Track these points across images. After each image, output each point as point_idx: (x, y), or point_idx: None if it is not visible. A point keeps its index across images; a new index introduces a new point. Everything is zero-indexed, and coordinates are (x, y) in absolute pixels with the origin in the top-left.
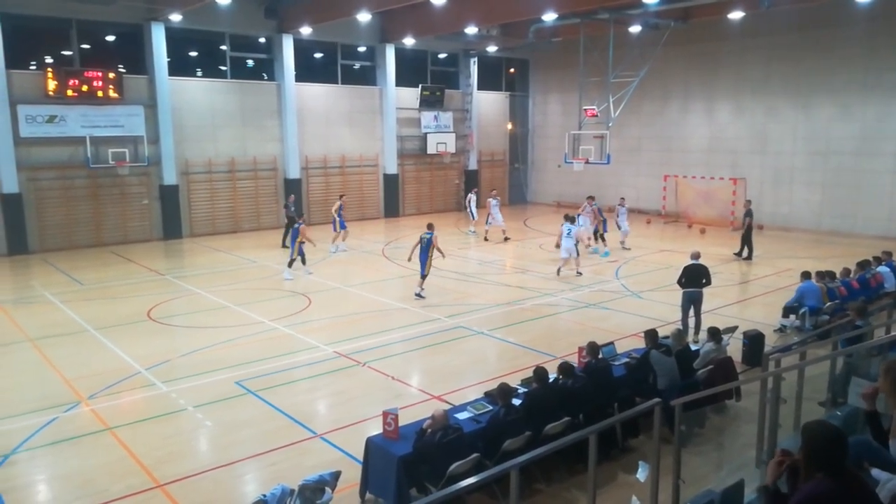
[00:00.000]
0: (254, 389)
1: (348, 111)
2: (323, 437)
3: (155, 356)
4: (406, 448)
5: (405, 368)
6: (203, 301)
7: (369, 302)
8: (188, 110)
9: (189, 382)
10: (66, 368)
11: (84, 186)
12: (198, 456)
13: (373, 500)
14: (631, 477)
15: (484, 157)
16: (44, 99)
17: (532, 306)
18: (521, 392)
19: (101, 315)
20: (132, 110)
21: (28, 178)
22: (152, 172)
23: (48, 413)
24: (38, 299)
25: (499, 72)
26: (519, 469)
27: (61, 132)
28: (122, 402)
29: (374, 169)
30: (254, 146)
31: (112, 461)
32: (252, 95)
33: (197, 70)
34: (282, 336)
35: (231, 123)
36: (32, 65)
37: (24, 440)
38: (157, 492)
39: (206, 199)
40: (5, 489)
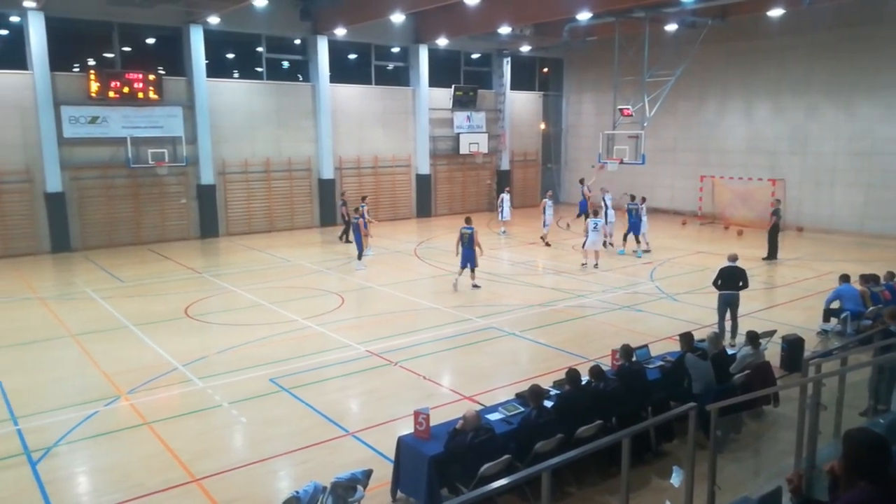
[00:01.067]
0: (287, 387)
1: (381, 112)
2: (355, 435)
3: (192, 353)
4: (437, 448)
5: (436, 368)
6: (238, 299)
7: (401, 301)
8: (225, 111)
9: (224, 379)
10: (107, 363)
11: (124, 186)
12: (232, 452)
13: (404, 499)
14: (665, 482)
15: (516, 157)
16: (86, 100)
17: (565, 308)
18: (553, 394)
19: (140, 312)
20: (171, 111)
21: (71, 178)
22: (190, 172)
23: (89, 407)
24: (79, 296)
25: (532, 71)
26: (551, 471)
27: (103, 133)
28: (159, 397)
29: (407, 169)
30: (288, 147)
31: (149, 455)
32: (287, 96)
33: (234, 72)
34: (314, 334)
35: (267, 124)
36: (76, 67)
37: (65, 433)
38: (192, 486)
39: (241, 198)
40: (47, 480)
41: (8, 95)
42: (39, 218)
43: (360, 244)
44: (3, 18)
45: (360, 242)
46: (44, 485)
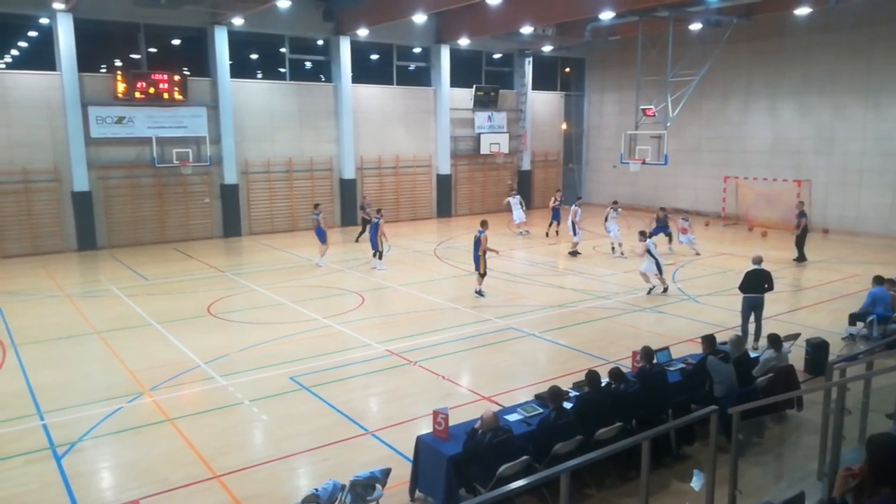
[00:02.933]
0: (308, 385)
1: (403, 112)
2: (374, 434)
3: (214, 350)
4: (456, 448)
5: (455, 368)
6: (260, 298)
7: (421, 301)
8: (248, 111)
9: (246, 377)
10: (131, 360)
11: (149, 185)
12: (253, 449)
13: (422, 498)
14: (685, 485)
15: (537, 157)
16: (113, 101)
17: (585, 309)
18: (572, 395)
19: (163, 309)
20: (195, 111)
21: (98, 177)
22: (214, 172)
23: (113, 403)
24: (105, 293)
25: (554, 71)
26: (570, 473)
27: (129, 132)
28: (182, 394)
29: (428, 169)
30: (310, 147)
31: (172, 451)
32: (309, 97)
33: (257, 72)
34: (335, 333)
35: (289, 124)
36: (103, 68)
37: (90, 428)
38: (214, 482)
39: (264, 198)
40: (72, 475)
41: (37, 96)
42: (66, 216)
43: (378, 244)
44: (32, 20)
45: (375, 242)
46: (68, 479)
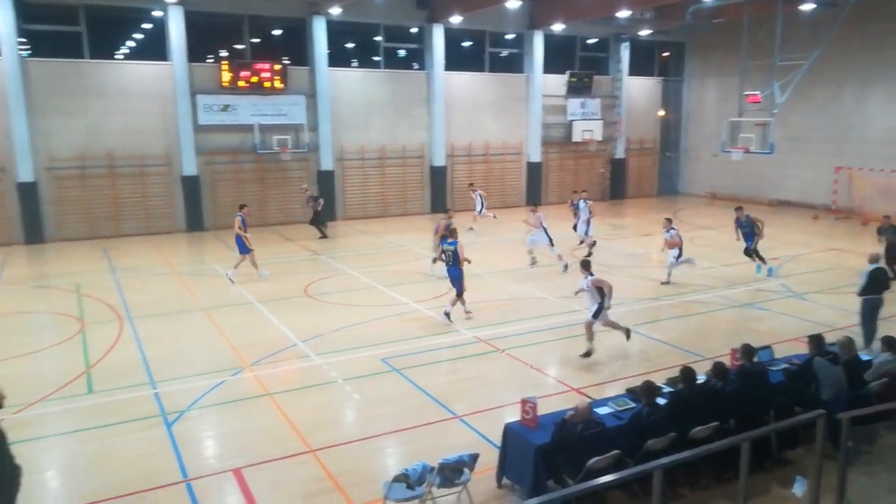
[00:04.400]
0: (398, 367)
1: (494, 99)
2: (462, 419)
3: (310, 330)
4: (544, 437)
5: (543, 358)
6: (353, 281)
7: (509, 290)
8: (344, 99)
9: (339, 356)
10: (233, 336)
11: (252, 170)
12: (345, 426)
13: (509, 485)
14: (786, 491)
15: (632, 144)
16: (219, 89)
17: (680, 303)
18: (666, 391)
19: (264, 289)
20: (295, 100)
21: (205, 162)
22: (311, 158)
23: (217, 376)
24: (210, 272)
25: (651, 56)
26: (663, 471)
27: (233, 120)
28: (280, 370)
29: (518, 157)
30: (403, 134)
31: (270, 424)
32: (403, 85)
33: (353, 61)
34: (424, 318)
35: (383, 112)
36: (210, 58)
37: (196, 399)
38: (309, 456)
39: (358, 184)
40: (180, 442)
41: (150, 85)
42: (176, 199)
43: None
44: (146, 13)
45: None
46: (177, 445)
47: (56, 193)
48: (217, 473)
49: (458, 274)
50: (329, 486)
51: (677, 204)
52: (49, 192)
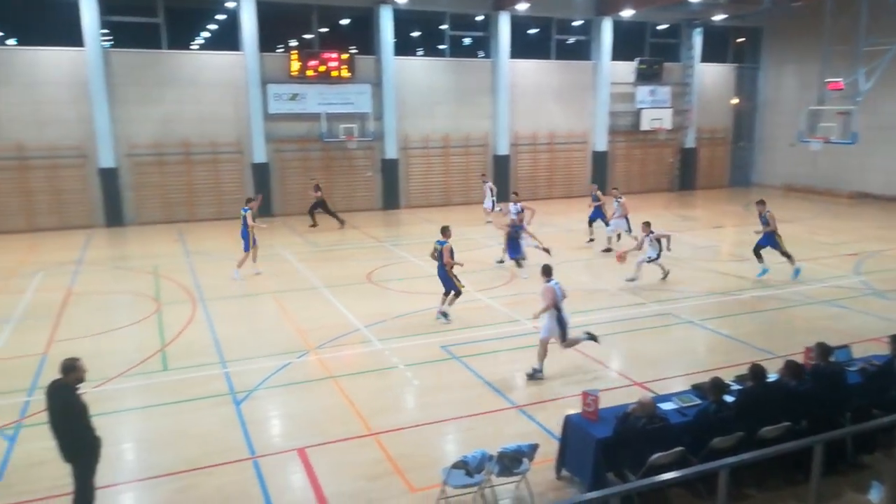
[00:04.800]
0: (458, 355)
1: (559, 87)
2: (521, 409)
3: (373, 315)
4: (605, 431)
5: (605, 351)
6: (415, 268)
7: (572, 281)
8: (409, 88)
9: (401, 342)
10: (299, 320)
11: (318, 158)
12: (405, 411)
13: (568, 477)
14: (862, 497)
15: (703, 134)
16: (288, 78)
17: (751, 298)
18: (734, 389)
19: (328, 275)
20: (361, 88)
21: (274, 150)
22: (376, 147)
23: (283, 358)
24: (278, 257)
25: (725, 42)
26: (729, 470)
27: (301, 109)
28: (343, 354)
29: (583, 146)
30: (466, 123)
31: (333, 406)
32: (467, 73)
33: (418, 49)
34: (484, 307)
35: (447, 100)
36: (280, 48)
37: (263, 379)
38: (370, 439)
39: (421, 172)
40: (248, 420)
41: (224, 74)
42: (247, 185)
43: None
44: (221, 4)
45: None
46: (245, 423)
47: (135, 179)
48: (282, 452)
49: (443, 274)
50: (389, 469)
51: (750, 195)
52: (129, 177)
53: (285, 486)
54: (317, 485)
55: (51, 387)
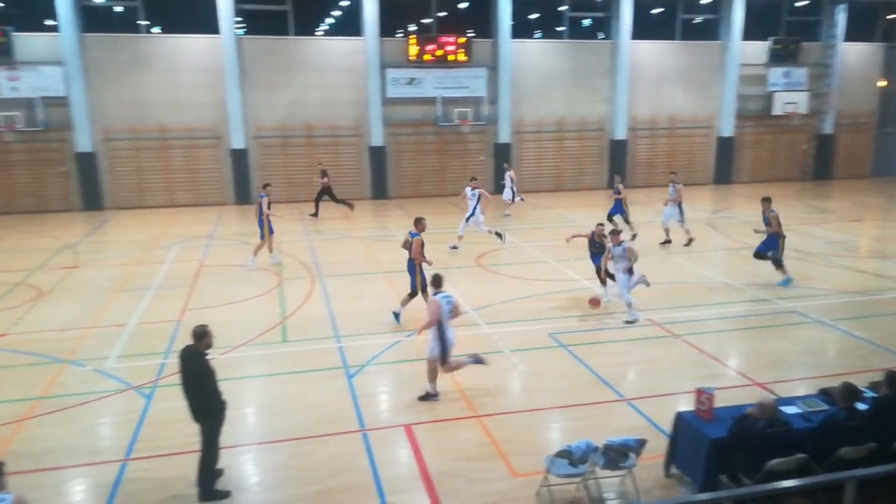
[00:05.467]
0: (565, 343)
1: (683, 69)
2: (630, 402)
3: (481, 299)
4: (720, 431)
5: (723, 348)
6: (525, 254)
7: (690, 272)
8: (525, 71)
9: (508, 327)
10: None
11: (432, 142)
12: (511, 396)
13: (678, 475)
14: None
15: (843, 119)
16: (405, 63)
17: (891, 299)
18: (867, 396)
19: (437, 257)
20: (477, 72)
21: (390, 134)
22: (489, 131)
23: (393, 336)
24: (390, 238)
25: (873, 19)
26: (857, 482)
27: (418, 93)
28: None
29: (707, 131)
30: (582, 106)
31: (439, 386)
32: (585, 55)
33: (536, 32)
34: (594, 296)
35: (563, 84)
36: (399, 33)
37: (374, 355)
38: (474, 421)
39: (534, 157)
40: (360, 394)
41: (345, 60)
42: (363, 168)
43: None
44: None
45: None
46: (356, 397)
47: (261, 160)
48: (389, 427)
49: (411, 269)
50: (492, 453)
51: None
52: (256, 158)
53: (392, 459)
54: (421, 461)
55: (183, 352)
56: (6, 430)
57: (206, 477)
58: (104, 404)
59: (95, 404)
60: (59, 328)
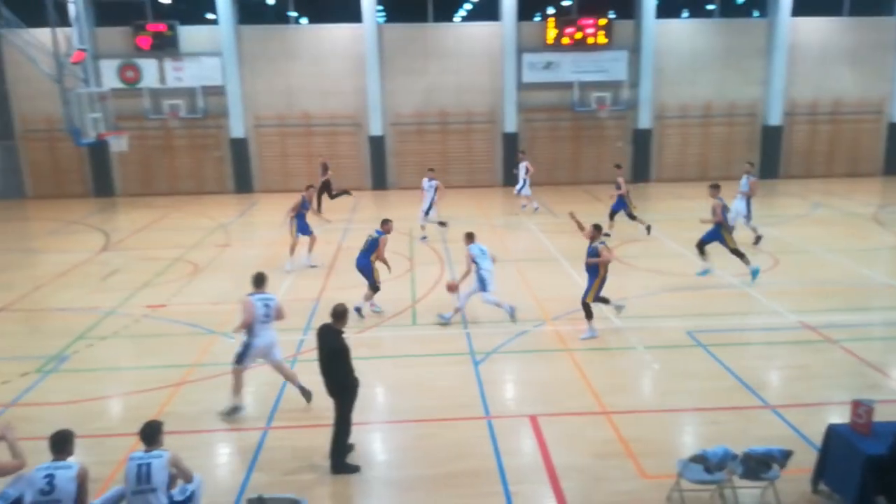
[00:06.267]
0: (705, 343)
1: (851, 47)
2: (775, 409)
3: (614, 292)
4: (879, 447)
5: (887, 357)
6: (662, 246)
7: (850, 273)
8: (669, 53)
9: (642, 323)
10: (538, 289)
11: (567, 128)
12: (643, 394)
13: (827, 493)
14: None
15: None
16: (543, 47)
17: None
18: None
19: (569, 247)
20: (617, 55)
21: (525, 120)
22: (628, 116)
23: (521, 325)
24: (521, 226)
25: None
26: None
27: (554, 77)
28: (580, 328)
29: (877, 116)
30: (732, 90)
31: (567, 379)
32: (738, 35)
33: (683, 11)
34: (739, 294)
35: (711, 66)
36: (537, 16)
37: (501, 343)
38: (602, 417)
39: (676, 143)
40: (485, 380)
41: (481, 45)
42: (497, 154)
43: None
44: None
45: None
46: (482, 383)
47: (397, 147)
48: (514, 416)
49: (366, 265)
50: (620, 451)
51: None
52: (393, 145)
53: (516, 449)
54: (546, 454)
55: (322, 329)
56: (165, 392)
57: (339, 451)
58: (248, 375)
59: None
60: (211, 301)
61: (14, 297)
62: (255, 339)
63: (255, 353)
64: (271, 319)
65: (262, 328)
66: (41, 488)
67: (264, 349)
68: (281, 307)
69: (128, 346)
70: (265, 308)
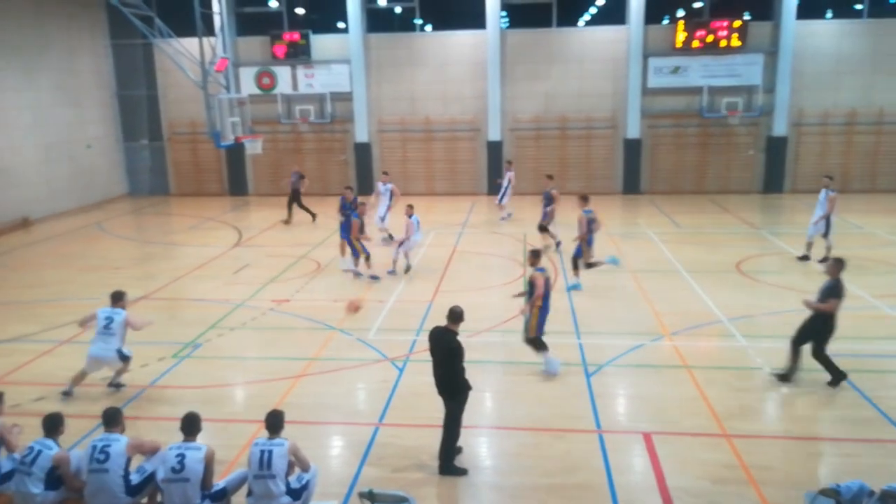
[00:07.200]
0: (841, 368)
1: None
2: None
3: (737, 308)
4: None
5: None
6: (793, 261)
7: None
8: (810, 57)
9: (768, 343)
10: (657, 302)
11: (694, 135)
12: (768, 419)
13: None
14: None
15: None
16: (670, 51)
17: None
18: None
19: (692, 259)
20: (751, 59)
21: (648, 126)
22: (762, 123)
23: (636, 339)
24: (640, 236)
25: None
26: None
27: (682, 82)
28: (700, 344)
29: None
30: (882, 96)
31: (685, 397)
32: (889, 37)
33: (827, 12)
34: (884, 317)
35: (858, 70)
36: (665, 19)
37: (615, 357)
38: (722, 440)
39: (815, 153)
40: (597, 393)
41: (605, 49)
42: (617, 161)
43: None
44: None
45: None
46: (594, 396)
47: (515, 152)
48: (627, 432)
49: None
50: (741, 477)
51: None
52: (510, 150)
53: (627, 466)
54: (660, 473)
55: (437, 331)
56: (286, 383)
57: (448, 452)
58: (364, 371)
59: (357, 370)
60: (331, 299)
61: (156, 286)
62: (96, 347)
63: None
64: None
65: (96, 337)
66: (172, 466)
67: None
68: (131, 320)
69: (254, 338)
70: (108, 318)
